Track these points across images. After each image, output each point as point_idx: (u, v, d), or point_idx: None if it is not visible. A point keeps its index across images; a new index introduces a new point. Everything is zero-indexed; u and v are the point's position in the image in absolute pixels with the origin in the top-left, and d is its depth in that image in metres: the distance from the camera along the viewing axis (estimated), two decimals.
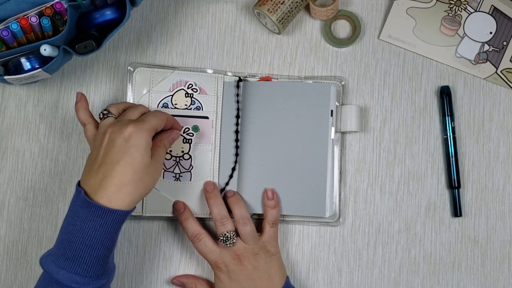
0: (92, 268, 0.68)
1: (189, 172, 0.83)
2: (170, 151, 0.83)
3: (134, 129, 0.69)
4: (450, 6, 0.88)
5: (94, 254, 0.67)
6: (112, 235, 0.68)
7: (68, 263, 0.67)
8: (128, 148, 0.68)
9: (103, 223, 0.67)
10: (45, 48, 0.74)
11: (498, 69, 0.88)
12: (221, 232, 0.78)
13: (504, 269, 0.86)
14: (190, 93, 0.84)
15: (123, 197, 0.67)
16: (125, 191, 0.67)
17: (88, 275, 0.67)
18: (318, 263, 0.85)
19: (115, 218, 0.67)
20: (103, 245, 0.68)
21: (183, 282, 0.83)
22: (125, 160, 0.68)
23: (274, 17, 0.82)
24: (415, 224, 0.86)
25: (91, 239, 0.67)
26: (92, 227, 0.67)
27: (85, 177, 0.70)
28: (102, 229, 0.67)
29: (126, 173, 0.68)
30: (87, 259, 0.67)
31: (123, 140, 0.69)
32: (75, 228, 0.67)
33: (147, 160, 0.69)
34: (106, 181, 0.67)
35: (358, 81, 0.87)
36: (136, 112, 0.74)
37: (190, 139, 0.83)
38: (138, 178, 0.68)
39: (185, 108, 0.83)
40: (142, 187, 0.69)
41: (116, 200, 0.67)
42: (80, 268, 0.67)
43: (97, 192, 0.67)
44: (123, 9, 0.77)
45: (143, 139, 0.69)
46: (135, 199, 0.69)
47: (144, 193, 0.70)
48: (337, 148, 0.85)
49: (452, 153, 0.86)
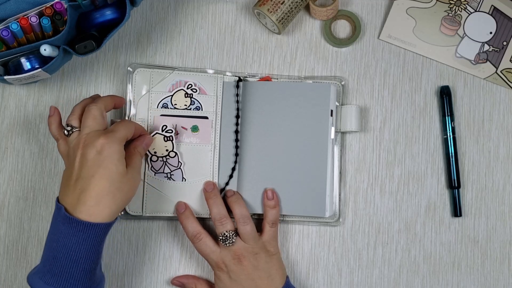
0: (79, 282, 0.68)
1: (180, 169, 0.83)
2: (155, 153, 0.82)
3: (105, 141, 0.69)
4: (450, 6, 0.88)
5: (80, 268, 0.68)
6: (96, 247, 0.69)
7: (55, 279, 0.67)
8: (102, 161, 0.69)
9: (86, 237, 0.67)
10: (45, 48, 0.74)
11: (498, 69, 0.88)
12: (221, 232, 0.78)
13: (504, 269, 0.86)
14: (189, 93, 0.84)
15: (103, 209, 0.68)
16: (104, 203, 0.68)
17: None
18: (318, 263, 0.85)
19: (97, 231, 0.68)
20: (88, 258, 0.68)
21: (183, 282, 0.83)
22: (100, 173, 0.68)
23: (274, 17, 0.82)
24: (415, 224, 0.86)
25: (76, 254, 0.67)
26: (75, 242, 0.67)
27: (63, 193, 0.70)
28: (86, 243, 0.67)
29: (102, 185, 0.68)
30: (74, 273, 0.68)
31: (96, 153, 0.69)
32: (59, 245, 0.68)
33: (122, 170, 0.70)
34: (84, 195, 0.68)
35: (358, 81, 0.87)
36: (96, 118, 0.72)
37: (171, 136, 0.83)
38: (115, 188, 0.69)
39: (184, 108, 0.83)
40: (121, 197, 0.69)
41: (96, 213, 0.67)
42: (67, 283, 0.67)
43: (76, 208, 0.68)
44: (123, 9, 0.77)
45: (116, 149, 0.70)
46: (114, 210, 0.69)
47: (123, 202, 0.70)
48: (337, 148, 0.85)
49: (452, 153, 0.86)
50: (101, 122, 0.73)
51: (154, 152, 0.82)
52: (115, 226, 0.84)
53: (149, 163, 0.82)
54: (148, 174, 0.83)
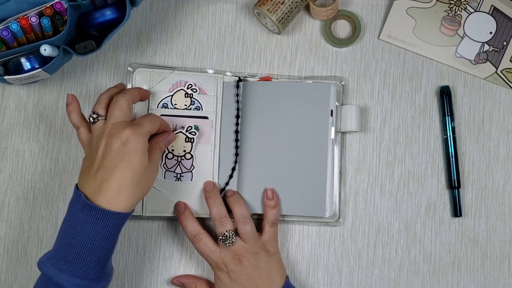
0: (92, 270, 0.68)
1: (190, 172, 0.83)
2: (172, 150, 0.83)
3: (131, 133, 0.69)
4: (450, 6, 0.88)
5: (95, 257, 0.68)
6: (113, 237, 0.69)
7: (69, 266, 0.67)
8: (126, 152, 0.69)
9: (104, 226, 0.67)
10: (45, 48, 0.74)
11: (498, 69, 0.88)
12: (220, 232, 0.78)
13: (504, 269, 0.86)
14: (189, 93, 0.84)
15: (123, 200, 0.68)
16: (125, 195, 0.68)
17: (89, 278, 0.68)
18: (318, 263, 0.85)
19: (116, 221, 0.68)
20: (104, 247, 0.68)
21: (183, 282, 0.83)
22: (124, 164, 0.68)
23: (274, 17, 0.82)
24: (415, 224, 0.86)
25: (93, 242, 0.67)
26: (93, 230, 0.67)
27: (82, 181, 0.70)
28: (104, 232, 0.67)
29: (125, 177, 0.68)
30: (88, 262, 0.68)
31: (121, 144, 0.69)
32: (76, 232, 0.68)
33: (145, 163, 0.70)
34: (106, 185, 0.68)
35: (358, 81, 0.87)
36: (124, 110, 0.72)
37: (193, 138, 0.83)
38: (137, 181, 0.69)
39: (184, 108, 0.83)
40: (140, 190, 0.70)
41: (116, 203, 0.68)
42: (81, 271, 0.67)
43: (97, 196, 0.68)
44: (123, 9, 0.77)
45: (141, 142, 0.70)
46: (134, 201, 0.69)
47: (142, 195, 0.71)
48: (337, 148, 0.85)
49: (452, 153, 0.86)
50: (128, 114, 0.73)
51: (171, 150, 0.82)
52: None
53: (163, 159, 0.82)
54: None
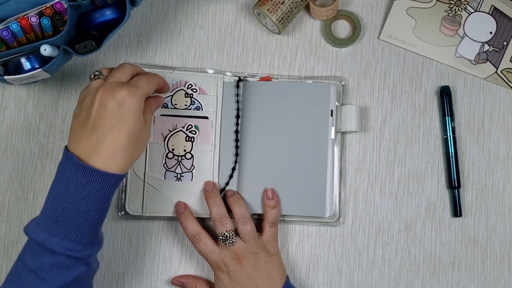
0: (86, 234, 0.67)
1: (191, 172, 0.83)
2: (173, 150, 0.83)
3: (127, 94, 0.67)
4: (450, 6, 0.88)
5: (89, 220, 0.66)
6: (107, 199, 0.68)
7: (62, 230, 0.66)
8: (122, 114, 0.67)
9: (100, 187, 0.66)
10: (45, 48, 0.74)
11: (498, 69, 0.88)
12: (220, 232, 0.78)
13: (504, 269, 0.86)
14: (189, 93, 0.84)
15: (119, 162, 0.67)
16: (121, 157, 0.67)
17: (82, 242, 0.66)
18: (318, 263, 0.85)
19: (111, 182, 0.67)
20: (98, 210, 0.67)
21: (183, 282, 0.83)
22: (120, 126, 0.67)
23: (274, 17, 0.82)
24: (415, 224, 0.86)
25: (87, 204, 0.66)
26: (88, 192, 0.66)
27: (74, 141, 0.68)
28: (99, 194, 0.66)
29: (121, 139, 0.67)
30: (82, 225, 0.66)
31: (116, 104, 0.67)
32: (69, 194, 0.66)
33: (141, 125, 0.69)
34: (101, 146, 0.66)
35: (358, 81, 0.87)
36: (126, 73, 0.71)
37: (193, 137, 0.83)
38: (133, 143, 0.68)
39: (185, 108, 0.83)
40: (135, 152, 0.69)
41: (112, 165, 0.66)
42: (74, 235, 0.66)
43: (91, 157, 0.66)
44: (123, 9, 0.77)
45: (137, 104, 0.68)
46: (129, 163, 0.68)
47: (136, 157, 0.70)
48: (337, 148, 0.85)
49: (452, 153, 0.86)
50: (150, 88, 0.71)
51: (172, 149, 0.82)
52: (115, 226, 0.84)
53: (163, 159, 0.82)
54: (148, 174, 0.83)
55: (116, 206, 0.84)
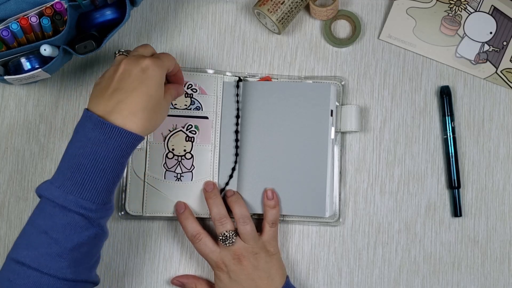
0: (100, 194, 0.66)
1: (190, 172, 0.83)
2: (173, 150, 0.83)
3: (151, 63, 0.69)
4: (450, 6, 0.88)
5: (104, 179, 0.66)
6: (124, 160, 0.67)
7: (77, 188, 0.65)
8: (145, 78, 0.68)
9: (117, 145, 0.66)
10: (45, 48, 0.74)
11: (498, 69, 0.88)
12: (220, 232, 0.78)
13: (504, 269, 0.86)
14: (189, 93, 0.84)
15: (137, 121, 0.67)
16: (140, 116, 0.67)
17: (96, 202, 0.66)
18: (318, 263, 0.85)
19: (129, 141, 0.67)
20: (114, 170, 0.67)
21: (183, 282, 0.83)
22: (142, 89, 0.68)
23: (274, 17, 0.82)
24: (415, 224, 0.86)
25: (104, 162, 0.66)
26: (105, 149, 0.66)
27: (94, 103, 0.68)
28: (116, 152, 0.66)
29: (142, 100, 0.67)
30: (97, 183, 0.66)
31: (140, 70, 0.69)
32: (86, 151, 0.66)
33: (161, 94, 0.70)
34: (121, 106, 0.67)
35: (358, 81, 0.87)
36: (148, 50, 0.74)
37: (193, 137, 0.83)
38: (152, 107, 0.68)
39: (185, 108, 0.83)
40: (155, 118, 0.69)
41: (131, 123, 0.67)
42: (89, 194, 0.66)
43: (111, 115, 0.67)
44: (123, 9, 0.77)
45: (159, 73, 0.70)
46: (147, 126, 0.68)
47: (154, 124, 0.70)
48: (337, 148, 0.85)
49: (452, 153, 0.86)
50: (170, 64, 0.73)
51: (172, 149, 0.82)
52: (115, 226, 0.84)
53: (163, 159, 0.82)
54: (148, 174, 0.83)
55: (116, 206, 0.84)
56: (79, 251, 0.66)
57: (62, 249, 0.65)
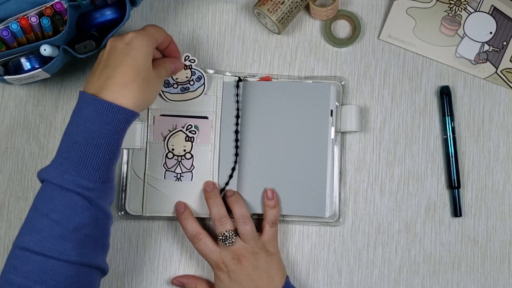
0: (97, 172, 0.66)
1: (190, 172, 0.83)
2: (173, 150, 0.83)
3: (134, 34, 0.70)
4: (450, 6, 0.88)
5: (99, 155, 0.66)
6: (118, 135, 0.68)
7: (73, 166, 0.66)
8: (130, 50, 0.69)
9: (109, 121, 0.66)
10: (45, 48, 0.74)
11: (498, 69, 0.88)
12: (220, 232, 0.78)
13: (504, 269, 0.86)
14: (188, 64, 0.83)
15: (127, 94, 0.67)
16: (130, 89, 0.67)
17: (93, 179, 0.66)
18: (318, 263, 0.85)
19: (120, 116, 0.67)
20: (108, 145, 0.67)
21: (183, 282, 0.83)
22: (127, 61, 0.68)
23: (274, 17, 0.82)
24: (415, 224, 0.86)
25: (97, 138, 0.66)
26: (98, 125, 0.66)
27: (87, 84, 0.70)
28: (108, 128, 0.66)
29: (129, 73, 0.68)
30: (93, 160, 0.66)
31: (124, 44, 0.69)
32: (79, 129, 0.66)
33: (149, 64, 0.70)
34: (110, 81, 0.67)
35: (358, 81, 0.87)
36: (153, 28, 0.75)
37: (193, 137, 0.83)
38: (141, 78, 0.68)
39: (186, 81, 0.83)
40: (146, 89, 0.69)
41: (122, 97, 0.67)
42: (85, 171, 0.66)
43: (102, 92, 0.67)
44: (123, 9, 0.77)
45: (144, 42, 0.70)
46: (139, 100, 0.68)
47: (146, 99, 0.70)
48: (337, 148, 0.85)
49: (452, 153, 0.86)
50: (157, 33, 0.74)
51: (172, 149, 0.82)
52: (115, 226, 0.84)
53: (163, 159, 0.82)
54: (148, 174, 0.83)
55: (116, 206, 0.84)
56: (81, 232, 0.66)
57: (64, 230, 0.65)
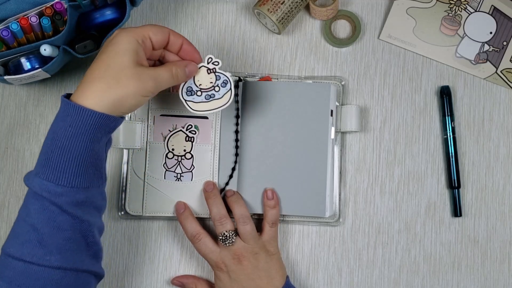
0: (63, 175, 0.62)
1: (190, 172, 0.83)
2: (173, 150, 0.83)
3: (119, 31, 0.66)
4: (450, 6, 0.88)
5: (65, 158, 0.62)
6: (84, 137, 0.62)
7: (42, 169, 0.63)
8: (106, 46, 0.65)
9: (73, 122, 0.62)
10: (45, 48, 0.74)
11: (498, 69, 0.88)
12: (220, 232, 0.78)
13: (504, 269, 0.86)
14: (211, 68, 0.75)
15: (92, 93, 0.62)
16: (95, 86, 0.62)
17: (61, 184, 0.62)
18: (318, 263, 0.85)
19: (84, 118, 0.62)
20: (74, 148, 0.62)
21: (183, 282, 0.83)
22: (101, 57, 0.64)
23: (274, 17, 0.82)
24: (415, 224, 0.86)
25: (61, 139, 0.62)
26: (62, 127, 0.62)
27: None
28: (72, 130, 0.62)
29: (98, 69, 0.63)
30: (59, 163, 0.62)
31: (108, 41, 0.66)
32: (54, 135, 0.63)
33: (125, 61, 0.64)
34: (82, 81, 0.64)
35: (358, 81, 0.87)
36: None
37: (193, 137, 0.83)
38: (111, 76, 0.63)
39: (211, 87, 0.74)
40: (115, 87, 0.63)
41: (82, 97, 0.62)
42: (52, 174, 0.62)
43: (73, 94, 0.64)
44: (123, 9, 0.77)
45: (124, 38, 0.64)
46: (105, 99, 0.62)
47: (117, 97, 0.63)
48: (337, 148, 0.85)
49: (452, 153, 0.86)
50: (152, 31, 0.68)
51: (172, 149, 0.82)
52: (115, 226, 0.84)
53: (163, 159, 0.82)
54: (148, 174, 0.83)
55: (116, 206, 0.84)
56: (59, 237, 0.63)
57: (40, 235, 0.62)
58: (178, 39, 0.70)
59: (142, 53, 0.66)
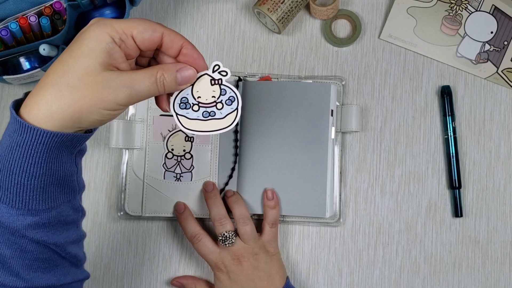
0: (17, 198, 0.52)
1: (190, 172, 0.83)
2: (172, 150, 0.82)
3: (93, 22, 0.52)
4: (450, 5, 0.88)
5: (15, 181, 0.52)
6: (36, 160, 0.51)
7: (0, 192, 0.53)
8: (74, 42, 0.51)
9: (21, 141, 0.51)
10: (44, 47, 0.74)
11: (499, 69, 0.87)
12: (220, 232, 0.78)
13: (505, 269, 0.85)
14: (217, 78, 0.58)
15: (42, 104, 0.50)
16: (45, 95, 0.50)
17: (16, 206, 0.52)
18: (318, 263, 0.85)
19: (33, 137, 0.50)
20: (26, 172, 0.51)
21: (183, 283, 0.83)
22: (62, 56, 0.51)
23: (274, 17, 0.82)
24: (416, 224, 0.86)
25: (9, 160, 0.51)
26: (9, 145, 0.52)
27: None
28: (21, 150, 0.51)
29: (54, 71, 0.51)
30: (10, 185, 0.52)
31: (78, 35, 0.52)
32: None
33: (90, 64, 0.50)
34: (36, 85, 0.52)
35: (359, 81, 0.87)
36: None
37: (192, 137, 0.83)
38: (66, 82, 0.50)
39: (213, 102, 0.58)
40: (68, 98, 0.49)
41: (35, 107, 0.50)
42: (4, 196, 0.52)
43: (26, 98, 0.52)
44: (123, 9, 0.77)
45: (95, 34, 0.50)
46: (55, 112, 0.50)
47: (70, 109, 0.50)
48: (338, 148, 0.85)
49: (453, 153, 0.85)
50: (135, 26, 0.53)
51: (171, 149, 0.82)
52: (115, 226, 0.84)
53: (162, 159, 0.82)
54: (147, 174, 0.82)
55: (115, 206, 0.84)
56: (23, 258, 0.55)
57: (2, 256, 0.54)
58: (177, 41, 0.55)
59: (118, 54, 0.52)
